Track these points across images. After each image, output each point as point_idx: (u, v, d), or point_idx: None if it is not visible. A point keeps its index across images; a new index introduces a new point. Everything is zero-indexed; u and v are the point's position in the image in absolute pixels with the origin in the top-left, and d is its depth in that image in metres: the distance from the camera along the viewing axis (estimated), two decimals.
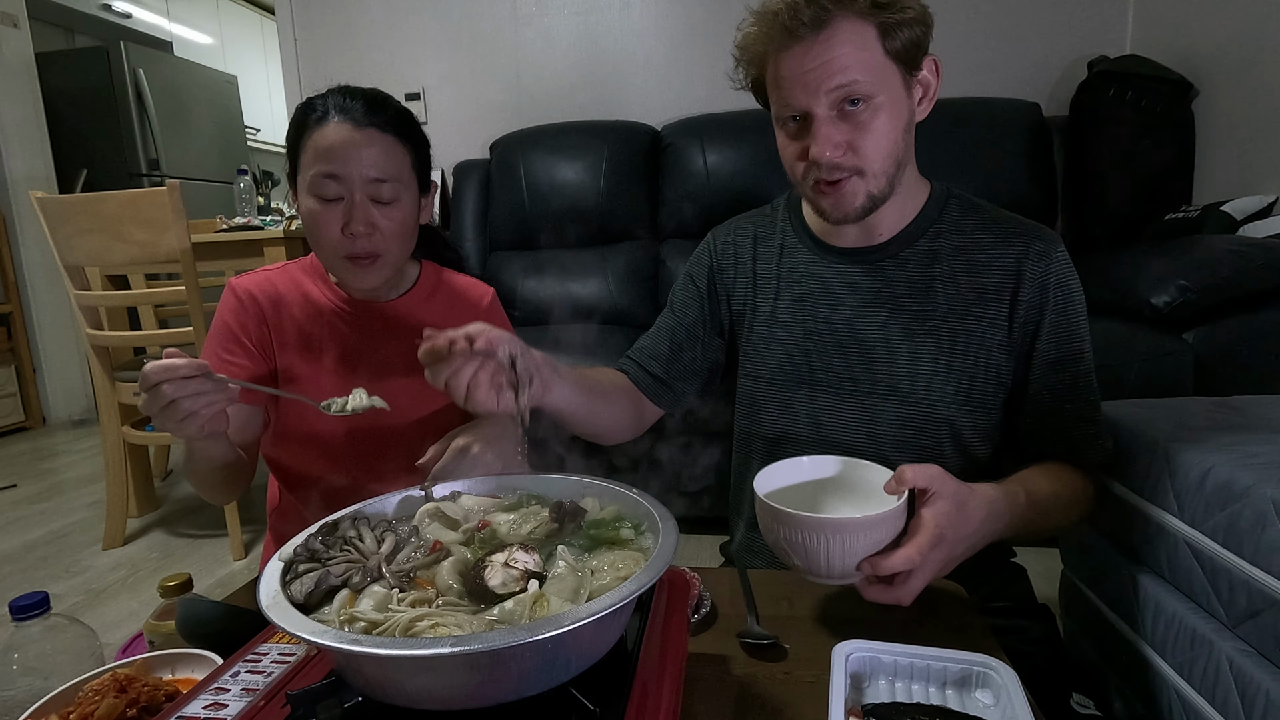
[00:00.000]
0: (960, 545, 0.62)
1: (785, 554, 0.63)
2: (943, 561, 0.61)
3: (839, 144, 0.74)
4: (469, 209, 2.66)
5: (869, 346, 0.83)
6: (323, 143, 0.86)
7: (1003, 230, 0.81)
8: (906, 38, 0.73)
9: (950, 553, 0.61)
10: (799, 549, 0.61)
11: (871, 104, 0.73)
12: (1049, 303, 0.78)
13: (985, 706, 0.57)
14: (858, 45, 0.72)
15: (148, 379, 0.67)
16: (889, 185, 0.78)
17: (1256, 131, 2.01)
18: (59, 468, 2.93)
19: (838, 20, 0.71)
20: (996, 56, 2.51)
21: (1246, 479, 0.72)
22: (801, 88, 0.74)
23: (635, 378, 0.95)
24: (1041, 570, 1.03)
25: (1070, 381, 0.79)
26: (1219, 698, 0.73)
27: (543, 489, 0.64)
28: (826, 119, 0.74)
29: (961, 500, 0.62)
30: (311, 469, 0.98)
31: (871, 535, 0.59)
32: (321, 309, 0.97)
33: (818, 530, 0.59)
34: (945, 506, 0.61)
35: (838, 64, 0.71)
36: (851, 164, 0.75)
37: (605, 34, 2.77)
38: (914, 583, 0.60)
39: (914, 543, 0.59)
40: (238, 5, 5.41)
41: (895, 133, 0.75)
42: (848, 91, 0.72)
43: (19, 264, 3.45)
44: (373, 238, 0.88)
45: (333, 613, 0.47)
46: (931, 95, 0.79)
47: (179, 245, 1.85)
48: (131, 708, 0.56)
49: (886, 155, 0.76)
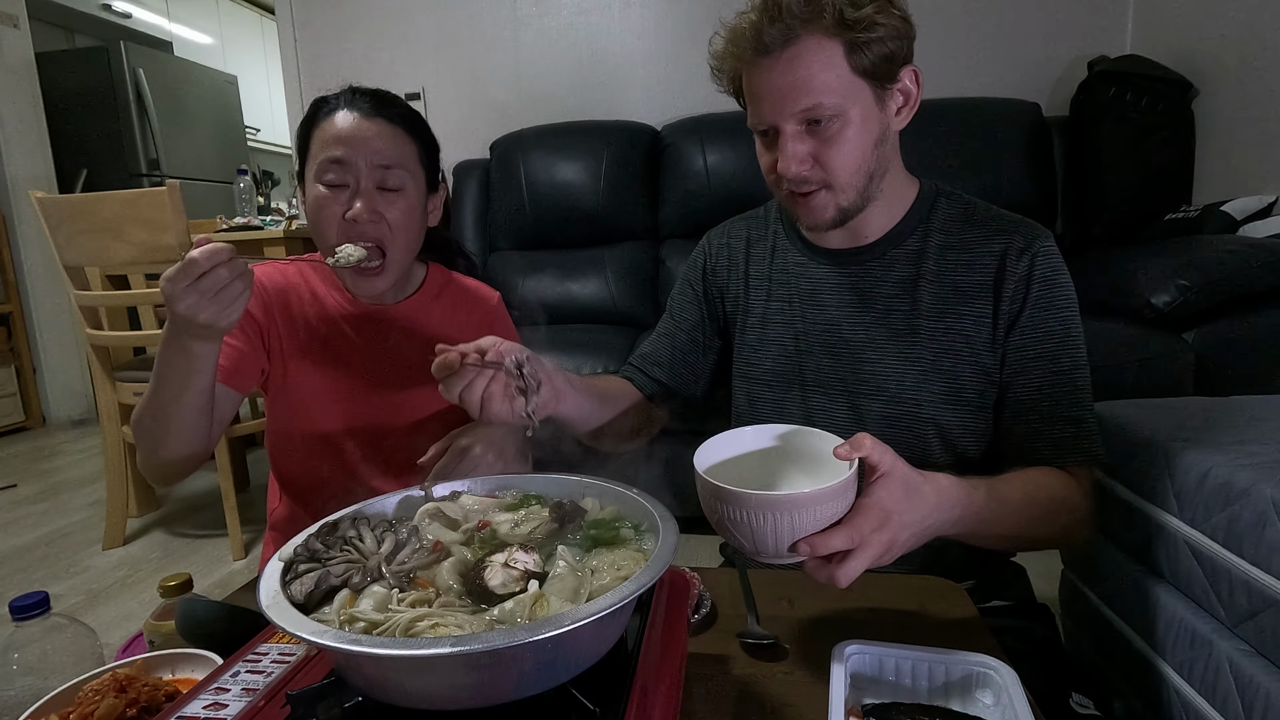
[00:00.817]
0: (905, 531, 0.58)
1: (731, 535, 0.58)
2: (886, 544, 0.57)
3: (805, 159, 0.75)
4: (469, 209, 2.66)
5: (858, 347, 0.84)
6: (331, 131, 0.86)
7: (988, 228, 0.81)
8: (877, 54, 0.72)
9: (894, 536, 0.57)
10: (744, 529, 0.56)
11: (839, 120, 0.73)
12: (1029, 298, 0.77)
13: (985, 706, 0.57)
14: (823, 64, 0.71)
15: (198, 264, 0.64)
16: (860, 197, 0.78)
17: (1256, 131, 2.01)
18: (59, 468, 2.93)
19: (803, 39, 0.71)
20: (996, 56, 2.51)
21: (1246, 479, 0.72)
22: (769, 104, 0.75)
23: (640, 384, 0.96)
24: (1041, 570, 1.02)
25: (1051, 379, 0.77)
26: (1219, 698, 0.73)
27: (543, 489, 0.64)
28: (793, 134, 0.74)
29: (912, 485, 0.60)
30: (312, 468, 0.98)
31: (820, 511, 0.55)
32: (328, 309, 0.97)
33: (762, 508, 0.54)
34: (894, 488, 0.58)
35: (803, 85, 0.72)
36: (818, 178, 0.76)
37: (605, 34, 2.77)
38: (853, 564, 0.56)
39: (855, 523, 0.56)
40: (238, 5, 5.41)
41: (864, 147, 0.75)
42: (812, 114, 0.73)
43: (19, 264, 3.45)
44: (379, 225, 0.87)
45: (333, 613, 0.47)
46: (912, 104, 0.78)
47: (179, 245, 1.85)
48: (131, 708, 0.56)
49: (854, 170, 0.76)
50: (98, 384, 2.09)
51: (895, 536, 0.57)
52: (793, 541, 0.55)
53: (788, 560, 0.58)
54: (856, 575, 0.56)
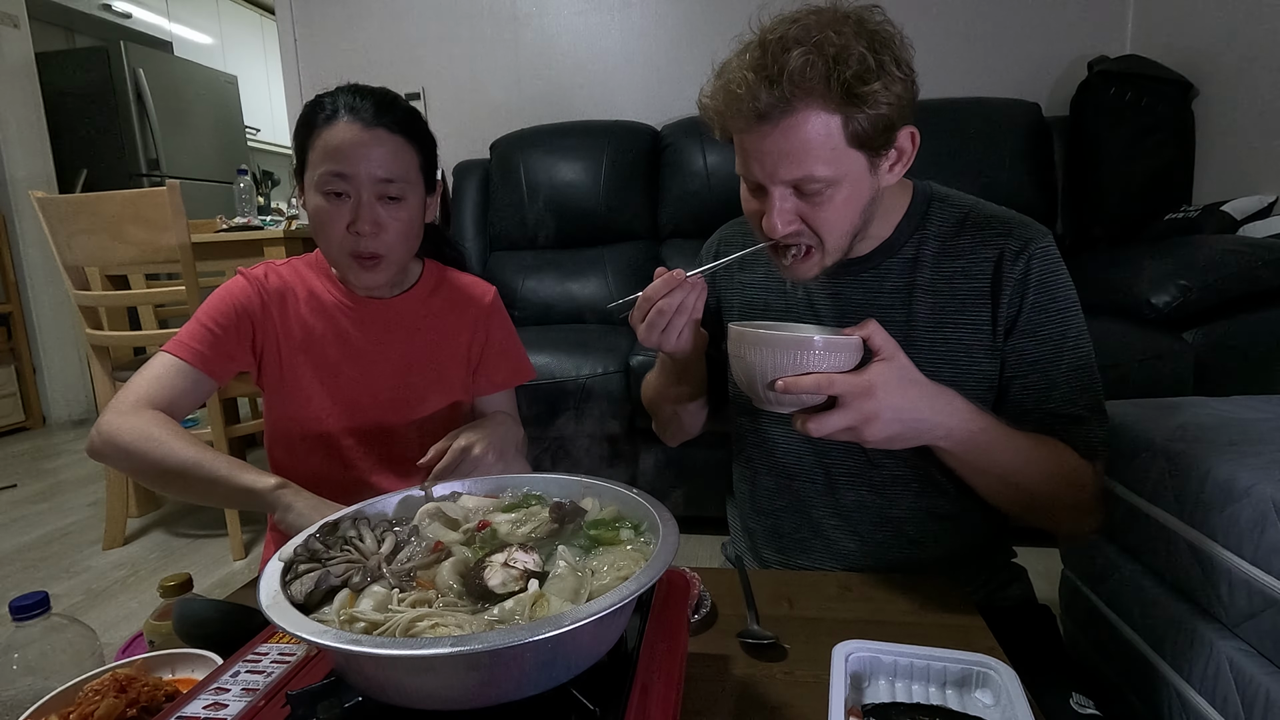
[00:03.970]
0: (889, 410, 0.62)
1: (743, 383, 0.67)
2: (867, 415, 0.62)
3: (792, 219, 0.72)
4: (469, 209, 2.66)
5: None
6: (332, 141, 0.86)
7: (983, 231, 0.79)
8: (876, 125, 0.68)
9: (876, 410, 0.62)
10: (749, 368, 0.64)
11: (831, 189, 0.71)
12: (1025, 302, 0.76)
13: (985, 706, 0.57)
14: (820, 138, 0.67)
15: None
16: (846, 249, 0.77)
17: (1256, 131, 2.01)
18: (59, 468, 2.92)
19: (800, 111, 0.67)
20: (996, 56, 2.51)
21: (1246, 479, 0.72)
22: (759, 166, 0.72)
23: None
24: (1041, 570, 1.03)
25: (1051, 382, 0.76)
26: (1219, 698, 0.73)
27: (543, 489, 0.64)
28: (781, 195, 0.72)
29: (909, 375, 0.64)
30: (311, 468, 0.98)
31: (808, 358, 0.62)
32: (325, 305, 0.97)
33: (759, 343, 0.63)
34: (888, 372, 0.62)
35: (797, 156, 0.68)
36: (806, 237, 0.74)
37: (605, 34, 2.77)
38: (830, 419, 0.62)
39: (833, 378, 0.61)
40: (238, 5, 5.41)
41: (853, 212, 0.73)
42: (803, 184, 0.70)
43: (19, 264, 3.45)
44: (379, 237, 0.88)
45: (333, 613, 0.47)
46: (906, 161, 0.74)
47: (179, 245, 1.85)
48: (131, 708, 0.56)
49: (842, 232, 0.74)
50: (98, 384, 2.09)
51: (877, 411, 0.62)
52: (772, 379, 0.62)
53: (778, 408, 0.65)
54: (829, 430, 0.62)
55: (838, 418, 0.62)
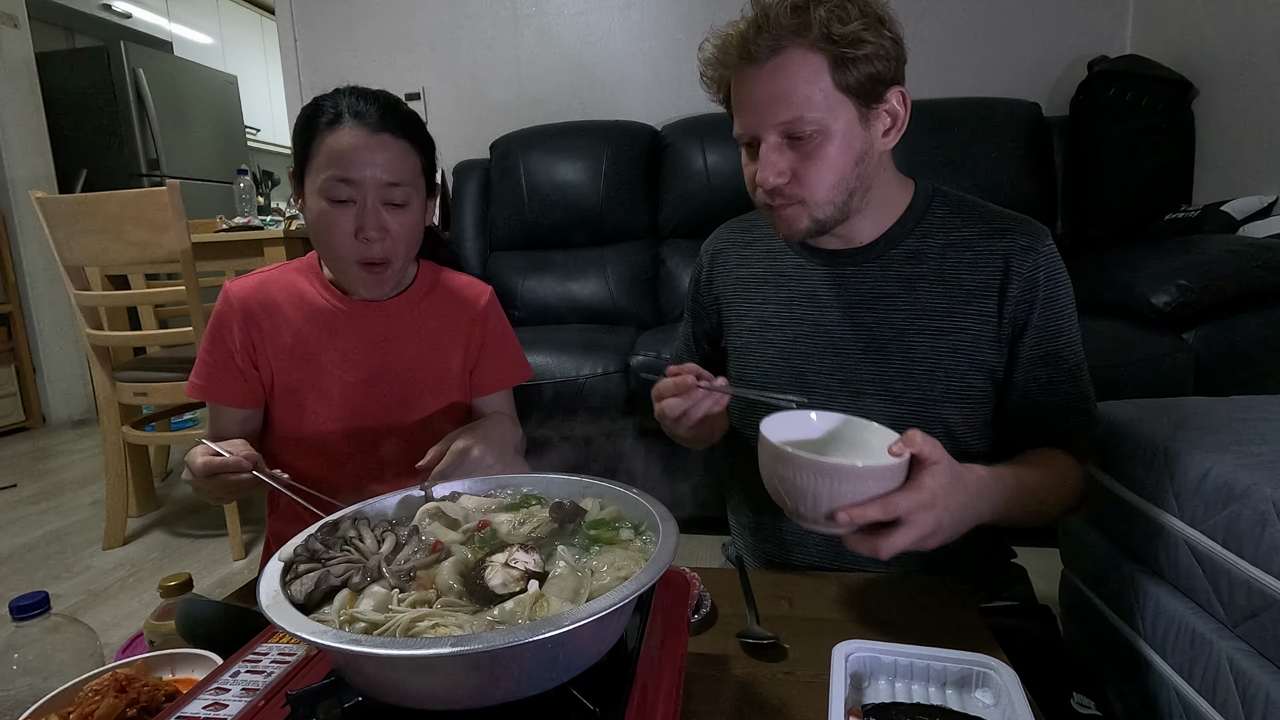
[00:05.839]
0: (948, 515, 0.62)
1: (780, 496, 0.64)
2: (933, 525, 0.61)
3: (782, 171, 0.75)
4: (469, 209, 2.66)
5: (859, 348, 0.84)
6: (336, 146, 0.85)
7: (989, 226, 0.81)
8: (862, 72, 0.72)
9: (939, 520, 0.61)
10: (795, 490, 0.61)
11: (820, 136, 0.73)
12: (1037, 298, 0.78)
13: (985, 706, 0.57)
14: (807, 78, 0.72)
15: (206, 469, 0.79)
16: (839, 212, 0.78)
17: (1256, 131, 2.01)
18: (59, 468, 2.92)
19: (789, 50, 0.72)
20: (996, 56, 2.51)
21: (1246, 479, 0.72)
22: (752, 114, 0.76)
23: None
24: (1041, 570, 1.03)
25: (1059, 375, 0.79)
26: (1219, 698, 0.73)
27: (543, 489, 0.64)
28: (773, 145, 0.75)
29: (958, 474, 0.64)
30: (311, 469, 0.98)
31: (868, 486, 0.60)
32: (318, 309, 0.97)
33: (817, 473, 0.60)
34: (941, 476, 0.62)
35: (785, 97, 0.72)
36: (794, 192, 0.76)
37: (605, 34, 2.77)
38: (898, 536, 0.60)
39: (894, 499, 0.60)
40: (238, 5, 5.40)
41: (844, 165, 0.75)
42: (793, 127, 0.73)
43: (19, 264, 3.44)
44: (385, 242, 0.88)
45: (333, 613, 0.47)
46: (900, 126, 0.78)
47: (179, 245, 1.85)
48: (131, 708, 0.56)
49: (831, 186, 0.76)
50: (98, 384, 2.09)
51: (940, 519, 0.61)
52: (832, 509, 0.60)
53: (827, 529, 0.62)
54: (899, 549, 0.60)
55: (904, 536, 0.60)
